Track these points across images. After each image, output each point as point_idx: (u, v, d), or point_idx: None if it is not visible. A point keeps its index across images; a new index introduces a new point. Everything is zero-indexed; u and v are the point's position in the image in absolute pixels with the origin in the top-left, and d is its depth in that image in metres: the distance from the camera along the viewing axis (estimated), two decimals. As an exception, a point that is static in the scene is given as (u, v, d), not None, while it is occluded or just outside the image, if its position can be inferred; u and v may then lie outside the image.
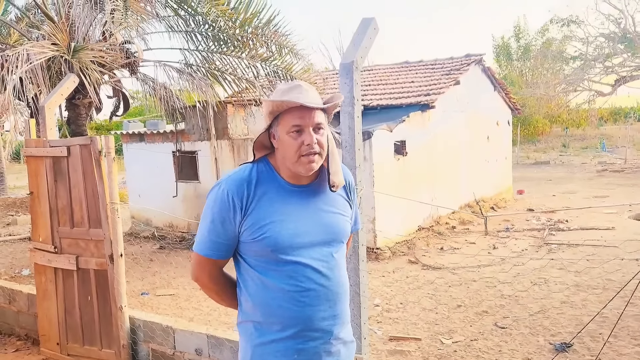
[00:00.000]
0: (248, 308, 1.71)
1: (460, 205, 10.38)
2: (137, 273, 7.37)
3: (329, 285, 1.68)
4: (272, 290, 1.64)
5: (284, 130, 1.60)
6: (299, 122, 1.59)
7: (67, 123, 7.14)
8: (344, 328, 1.76)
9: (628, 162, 19.37)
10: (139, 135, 10.41)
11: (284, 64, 7.54)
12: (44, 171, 4.03)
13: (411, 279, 6.66)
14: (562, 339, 4.53)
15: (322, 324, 1.68)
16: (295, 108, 1.59)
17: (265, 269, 1.65)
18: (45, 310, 4.16)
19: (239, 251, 1.70)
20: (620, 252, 7.12)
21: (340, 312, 1.73)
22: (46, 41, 5.97)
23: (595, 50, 21.11)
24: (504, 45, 32.20)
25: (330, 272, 1.69)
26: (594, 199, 12.27)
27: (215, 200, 1.65)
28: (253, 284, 1.68)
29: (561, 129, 31.08)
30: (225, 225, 1.63)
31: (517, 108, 13.60)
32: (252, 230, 1.62)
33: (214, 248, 1.67)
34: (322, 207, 1.72)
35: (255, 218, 1.62)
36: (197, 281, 1.78)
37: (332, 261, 1.70)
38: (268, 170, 1.69)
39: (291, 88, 1.63)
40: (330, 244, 1.70)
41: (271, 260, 1.63)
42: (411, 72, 11.47)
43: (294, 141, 1.59)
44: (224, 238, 1.66)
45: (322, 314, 1.67)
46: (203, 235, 1.69)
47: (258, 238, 1.61)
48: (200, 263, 1.72)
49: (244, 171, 1.68)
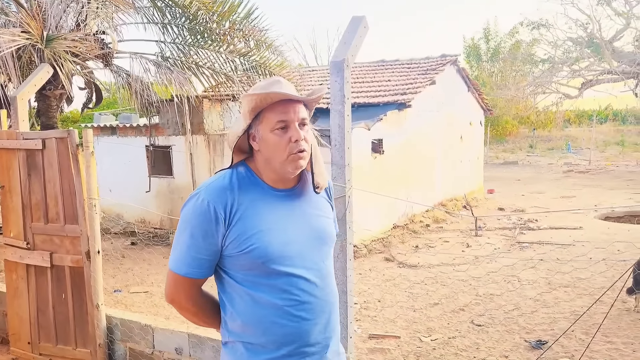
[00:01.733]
0: (236, 327, 1.56)
1: (434, 203, 10.51)
2: (109, 270, 7.19)
3: (322, 296, 1.58)
4: (264, 306, 1.51)
5: (268, 128, 1.48)
6: (284, 117, 1.47)
7: (37, 115, 6.89)
8: (337, 339, 1.67)
9: (592, 163, 20.00)
10: (111, 128, 10.16)
11: (262, 60, 7.46)
12: (16, 164, 3.88)
13: (388, 277, 6.70)
14: (537, 336, 4.64)
15: (319, 338, 1.57)
16: (279, 103, 1.47)
17: (255, 283, 1.51)
18: (16, 309, 4.02)
19: (223, 266, 1.55)
20: (587, 250, 7.34)
21: (334, 323, 1.64)
22: (17, 29, 5.74)
23: (563, 54, 21.68)
24: (474, 46, 32.75)
25: (322, 282, 1.59)
26: (561, 199, 12.61)
27: (194, 212, 1.48)
28: (241, 300, 1.54)
29: (528, 130, 31.84)
30: (207, 239, 1.48)
31: (489, 109, 13.85)
32: (238, 242, 1.48)
33: (195, 265, 1.51)
34: (309, 211, 1.61)
35: (241, 229, 1.48)
36: (172, 303, 1.61)
37: (324, 269, 1.60)
38: (249, 175, 1.56)
39: (271, 83, 1.51)
40: (320, 250, 1.60)
41: (261, 273, 1.50)
42: (388, 71, 11.54)
43: (280, 139, 1.47)
44: (206, 254, 1.50)
45: (318, 327, 1.56)
46: (182, 252, 1.51)
47: (246, 250, 1.47)
48: (178, 283, 1.55)
49: (223, 178, 1.53)
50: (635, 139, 27.41)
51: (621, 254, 7.09)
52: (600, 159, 21.44)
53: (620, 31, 19.66)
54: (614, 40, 19.69)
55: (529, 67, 26.29)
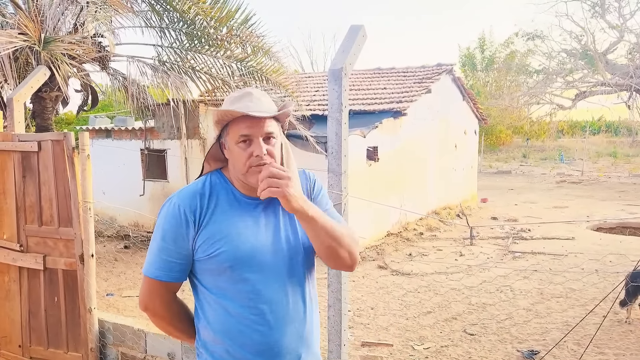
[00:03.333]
0: (207, 336, 1.56)
1: (428, 211, 10.54)
2: (101, 273, 7.16)
3: (290, 305, 1.55)
4: (232, 314, 1.51)
5: (233, 140, 1.51)
6: (247, 131, 1.48)
7: (32, 116, 6.87)
8: (312, 352, 1.63)
9: (585, 174, 20.13)
10: (106, 131, 10.14)
11: (259, 65, 7.48)
12: (11, 166, 3.86)
13: (381, 284, 6.71)
14: (528, 346, 4.65)
15: (290, 348, 1.55)
16: (243, 117, 1.48)
17: (223, 290, 1.51)
18: (7, 311, 3.99)
19: (195, 272, 1.56)
20: (579, 261, 7.38)
21: (307, 334, 1.60)
22: (14, 30, 5.73)
23: (557, 65, 21.87)
24: (469, 55, 32.98)
25: (292, 290, 1.56)
26: (554, 209, 12.68)
27: (166, 216, 1.52)
28: (210, 308, 1.54)
29: (522, 140, 32.04)
30: (177, 242, 1.50)
31: (484, 118, 13.94)
32: (206, 245, 1.49)
33: (166, 268, 1.52)
34: (282, 219, 1.59)
35: (209, 232, 1.50)
36: (146, 310, 1.60)
37: (294, 279, 1.57)
38: (222, 182, 1.58)
39: (241, 96, 1.54)
40: (290, 259, 1.57)
41: (229, 279, 1.50)
42: (383, 78, 11.59)
43: (242, 152, 1.49)
44: (177, 257, 1.52)
45: (287, 338, 1.55)
46: (153, 255, 1.54)
47: (213, 254, 1.49)
48: (151, 287, 1.56)
49: (196, 184, 1.57)
50: (628, 151, 27.65)
51: (613, 265, 7.13)
52: (592, 170, 21.60)
53: (614, 44, 19.89)
54: (607, 53, 19.91)
55: (523, 77, 26.52)
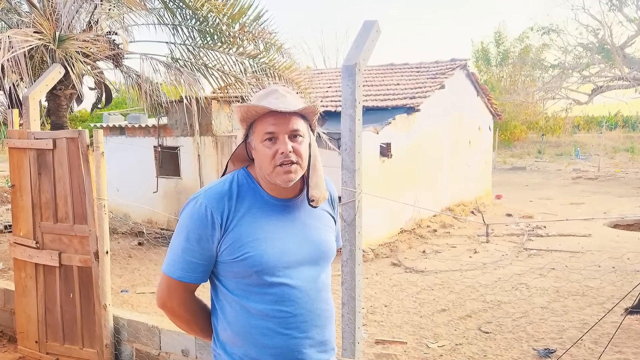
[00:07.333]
0: (226, 337, 1.54)
1: (441, 208, 10.46)
2: (115, 270, 7.21)
3: (315, 310, 1.54)
4: (255, 317, 1.49)
5: (258, 139, 1.48)
6: (272, 128, 1.45)
7: (47, 114, 6.93)
8: (331, 355, 1.62)
9: (601, 170, 19.83)
10: (120, 128, 10.21)
11: (271, 62, 7.46)
12: (27, 164, 3.90)
13: (394, 282, 6.67)
14: (545, 344, 4.59)
15: (310, 352, 1.53)
16: (269, 114, 1.46)
17: (247, 292, 1.49)
18: (24, 307, 4.03)
19: (217, 273, 1.54)
20: (597, 258, 7.27)
21: (328, 338, 1.59)
22: (30, 29, 5.78)
23: (573, 60, 21.53)
24: (484, 50, 32.62)
25: (317, 295, 1.55)
26: (570, 205, 12.52)
27: (192, 216, 1.48)
28: (232, 310, 1.52)
29: (537, 135, 31.67)
30: (202, 243, 1.47)
31: (499, 114, 13.79)
32: (232, 249, 1.47)
33: (189, 269, 1.49)
34: (309, 222, 1.58)
35: (236, 235, 1.47)
36: (163, 308, 1.58)
37: (319, 282, 1.56)
38: (249, 183, 1.54)
39: (267, 93, 1.51)
40: (317, 263, 1.56)
41: (254, 282, 1.48)
42: (397, 74, 11.52)
43: (268, 150, 1.46)
44: (201, 258, 1.49)
45: (309, 341, 1.53)
46: (176, 255, 1.50)
47: (240, 258, 1.46)
48: (171, 287, 1.53)
49: (223, 184, 1.53)
50: (645, 146, 27.20)
51: (632, 263, 7.01)
52: (609, 166, 21.26)
53: (632, 37, 19.50)
54: (625, 47, 19.54)
55: (538, 72, 26.13)
